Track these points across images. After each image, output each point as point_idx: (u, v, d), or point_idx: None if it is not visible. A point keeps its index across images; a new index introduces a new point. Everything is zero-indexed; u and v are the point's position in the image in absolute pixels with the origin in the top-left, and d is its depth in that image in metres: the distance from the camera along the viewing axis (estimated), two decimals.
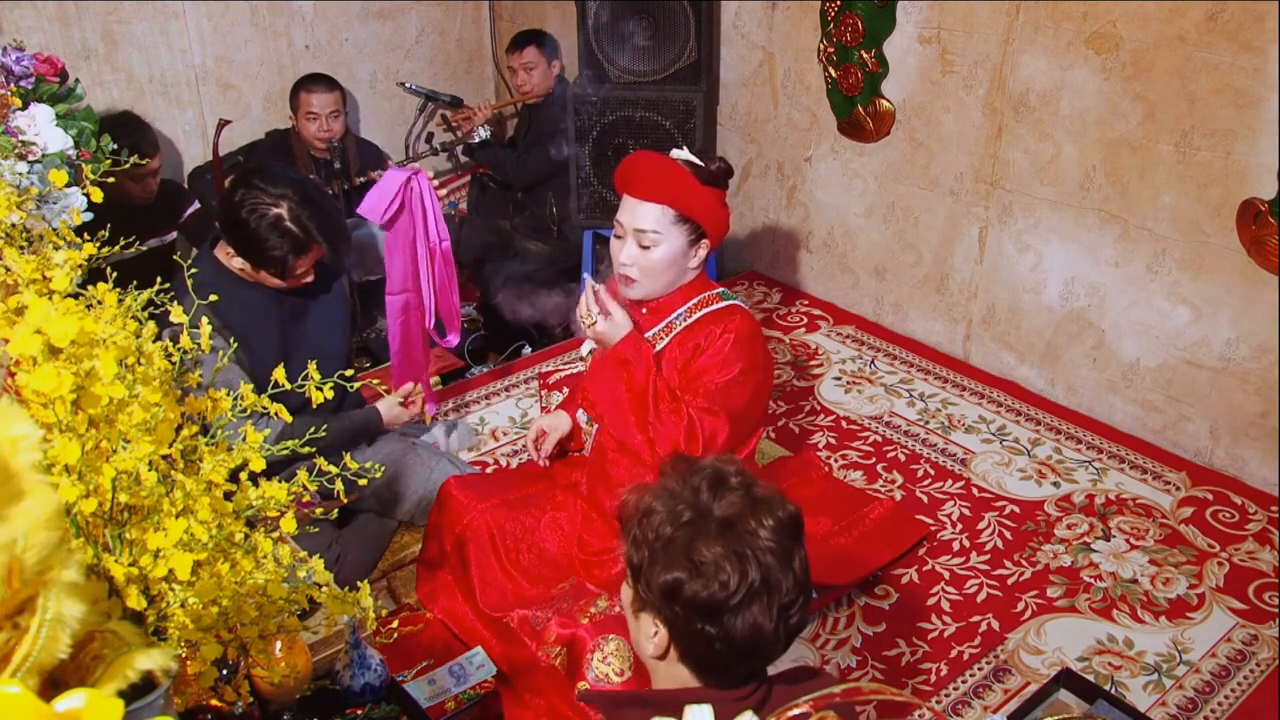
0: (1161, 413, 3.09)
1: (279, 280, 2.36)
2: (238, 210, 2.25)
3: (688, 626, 1.21)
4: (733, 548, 1.19)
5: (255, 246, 2.28)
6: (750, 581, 1.18)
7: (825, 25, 3.57)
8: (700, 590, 1.18)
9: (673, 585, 1.20)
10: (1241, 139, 2.71)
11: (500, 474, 2.94)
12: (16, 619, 0.72)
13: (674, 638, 1.24)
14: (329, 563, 2.37)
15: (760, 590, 1.19)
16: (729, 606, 1.18)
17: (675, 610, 1.21)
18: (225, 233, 2.33)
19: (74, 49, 3.68)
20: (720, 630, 1.20)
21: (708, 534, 1.20)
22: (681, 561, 1.20)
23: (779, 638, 1.22)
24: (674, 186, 2.10)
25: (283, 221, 2.26)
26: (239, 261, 2.34)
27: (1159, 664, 2.36)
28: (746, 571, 1.18)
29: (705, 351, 2.17)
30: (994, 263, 3.39)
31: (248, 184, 2.28)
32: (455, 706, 2.03)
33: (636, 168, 2.15)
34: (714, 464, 1.28)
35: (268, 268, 2.32)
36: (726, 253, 4.29)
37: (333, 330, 2.58)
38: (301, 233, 2.27)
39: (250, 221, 2.25)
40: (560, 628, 2.13)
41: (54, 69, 2.20)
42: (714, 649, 1.21)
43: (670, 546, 1.21)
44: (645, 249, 2.14)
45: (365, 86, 4.47)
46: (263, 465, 1.21)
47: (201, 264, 2.42)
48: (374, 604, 1.31)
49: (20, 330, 0.98)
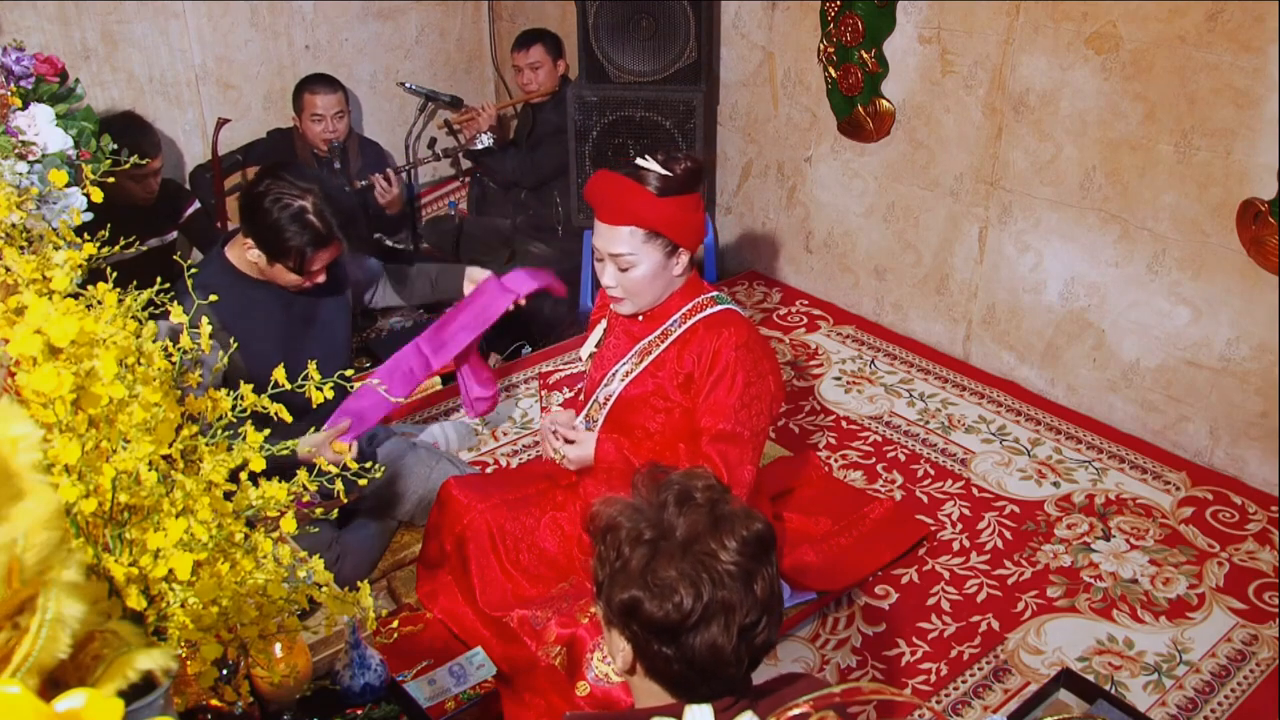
0: (1161, 413, 3.09)
1: (294, 276, 2.34)
2: (261, 200, 2.26)
3: (647, 645, 1.21)
4: (690, 569, 1.18)
5: (276, 236, 2.27)
6: (705, 603, 1.17)
7: (825, 25, 3.57)
8: (655, 611, 1.18)
9: (630, 604, 1.20)
10: (1241, 139, 2.71)
11: (500, 474, 2.94)
12: (16, 619, 0.72)
13: (636, 655, 1.24)
14: (329, 563, 2.37)
15: (717, 612, 1.18)
16: (685, 627, 1.18)
17: (633, 629, 1.21)
18: (246, 222, 2.32)
19: (74, 49, 3.68)
20: (677, 650, 1.19)
21: (668, 554, 1.19)
22: (639, 581, 1.19)
23: (739, 658, 1.21)
24: (636, 207, 2.09)
25: (306, 214, 2.26)
26: (254, 254, 2.33)
27: (1159, 664, 2.36)
28: (701, 593, 1.17)
29: (705, 368, 2.17)
30: (994, 263, 3.39)
31: (275, 175, 2.29)
32: (455, 706, 2.03)
33: (599, 192, 2.14)
34: (682, 479, 1.27)
35: (286, 259, 2.30)
36: (727, 253, 4.29)
37: (335, 338, 2.58)
38: (323, 227, 2.28)
39: (273, 211, 2.25)
40: (560, 628, 2.13)
41: (54, 69, 2.20)
42: (673, 668, 1.21)
43: (629, 566, 1.21)
44: (624, 270, 2.15)
45: (365, 86, 4.47)
46: (263, 465, 1.21)
47: (211, 264, 2.43)
48: (374, 604, 1.31)
49: (20, 330, 0.98)
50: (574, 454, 2.22)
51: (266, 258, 2.31)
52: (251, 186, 2.31)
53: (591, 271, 3.93)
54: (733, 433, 2.13)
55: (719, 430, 2.13)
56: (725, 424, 2.13)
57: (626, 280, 2.16)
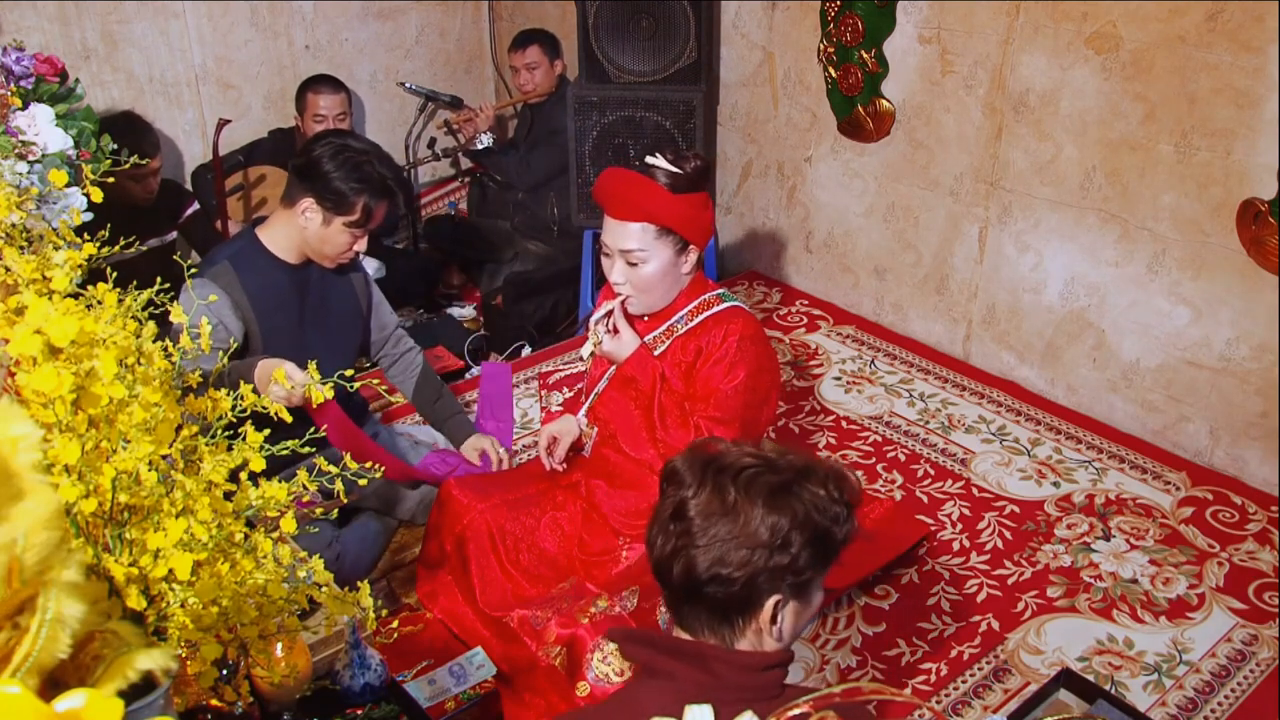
0: (1161, 413, 3.09)
1: (347, 237, 2.38)
2: (323, 157, 2.31)
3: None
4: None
5: (342, 187, 2.32)
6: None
7: (825, 25, 3.56)
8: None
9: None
10: (1241, 139, 2.71)
11: (500, 474, 2.94)
12: (16, 619, 0.72)
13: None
14: (329, 562, 2.37)
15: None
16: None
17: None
18: (306, 180, 2.35)
19: (74, 49, 3.68)
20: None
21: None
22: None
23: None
24: (649, 203, 2.10)
25: (370, 164, 2.33)
26: (307, 218, 2.36)
27: (1159, 664, 2.36)
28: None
29: (709, 357, 2.18)
30: (994, 263, 3.39)
31: (335, 134, 2.39)
32: (455, 706, 2.03)
33: (610, 188, 2.14)
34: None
35: (350, 211, 2.34)
36: (727, 253, 4.29)
37: (343, 341, 2.61)
38: (389, 175, 2.37)
39: (339, 164, 2.31)
40: (560, 628, 2.13)
41: (54, 69, 2.20)
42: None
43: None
44: (634, 266, 2.15)
45: (365, 86, 4.47)
46: (263, 465, 1.21)
47: (242, 240, 2.46)
48: (374, 604, 1.31)
49: (20, 330, 0.98)
50: (609, 347, 2.22)
51: (326, 214, 2.34)
52: (308, 149, 2.36)
53: (592, 272, 3.93)
54: (725, 419, 2.16)
55: (712, 415, 2.16)
56: (718, 411, 2.16)
57: (635, 277, 2.17)
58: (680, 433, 2.17)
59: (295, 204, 2.36)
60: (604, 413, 2.32)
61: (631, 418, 2.25)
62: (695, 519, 1.25)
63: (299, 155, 2.40)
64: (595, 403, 2.36)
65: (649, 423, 2.21)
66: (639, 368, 2.20)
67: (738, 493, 1.24)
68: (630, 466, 2.32)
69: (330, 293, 2.53)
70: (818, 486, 1.27)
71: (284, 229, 2.40)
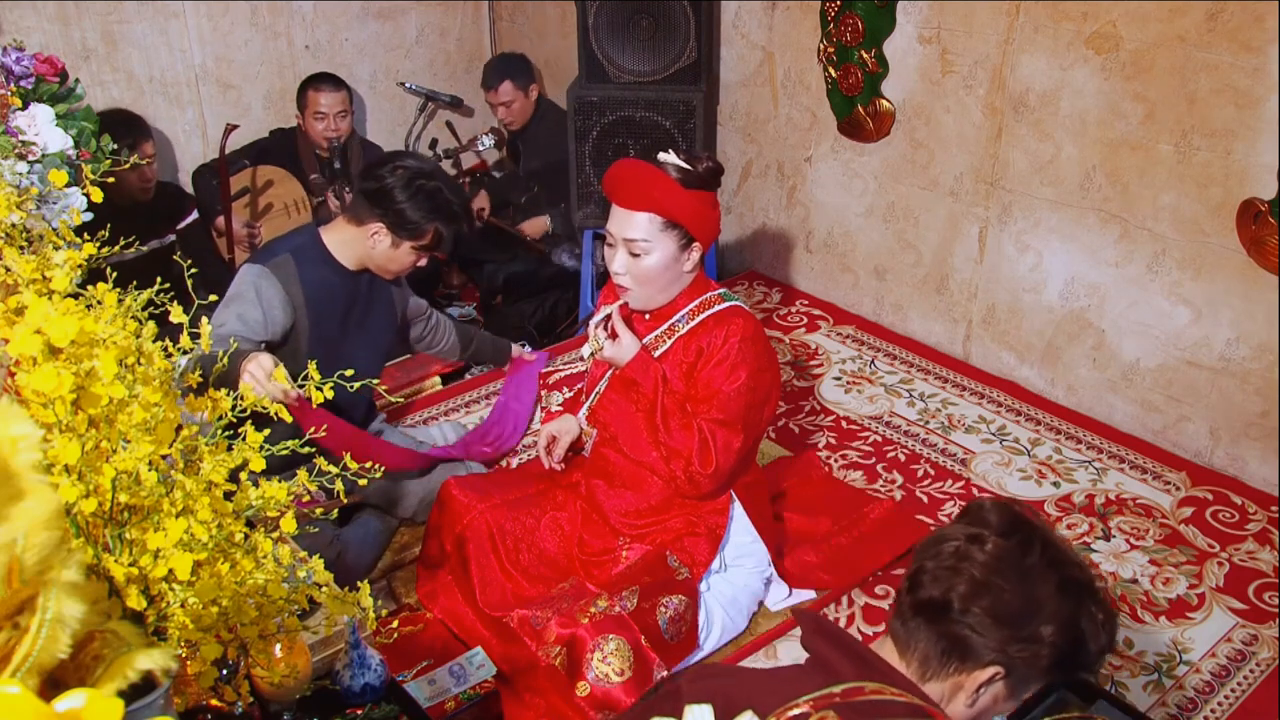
0: (1161, 413, 3.09)
1: (411, 257, 2.43)
2: (395, 185, 2.34)
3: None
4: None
5: (414, 216, 2.35)
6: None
7: (825, 25, 3.56)
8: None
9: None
10: (1241, 139, 2.71)
11: (500, 474, 2.94)
12: (16, 619, 0.72)
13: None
14: (329, 562, 2.37)
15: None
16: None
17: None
18: (375, 206, 2.37)
19: (74, 49, 3.68)
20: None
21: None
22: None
23: None
24: (659, 194, 2.10)
25: (442, 193, 2.38)
26: (376, 240, 2.39)
27: (1159, 664, 2.36)
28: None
29: (710, 358, 2.18)
30: (994, 263, 3.39)
31: (399, 161, 2.41)
32: (455, 706, 2.03)
33: (621, 176, 2.15)
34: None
35: (422, 238, 2.39)
36: (726, 253, 4.29)
37: (380, 340, 2.65)
38: (457, 205, 2.42)
39: (410, 193, 2.34)
40: (560, 628, 2.13)
41: (54, 69, 2.20)
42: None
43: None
44: (636, 256, 2.15)
45: (365, 86, 4.47)
46: (263, 465, 1.21)
47: (304, 235, 2.49)
48: (374, 604, 1.31)
49: (20, 330, 0.98)
50: (610, 352, 2.21)
51: (396, 239, 2.38)
52: (378, 174, 2.38)
53: (592, 272, 3.93)
54: (728, 421, 2.16)
55: (715, 417, 2.17)
56: (721, 413, 2.16)
57: (636, 268, 2.16)
58: (683, 435, 2.18)
59: (364, 224, 2.39)
60: (604, 415, 2.32)
61: (633, 420, 2.25)
62: (991, 555, 1.23)
63: (367, 178, 2.42)
64: (595, 405, 2.36)
65: (651, 425, 2.21)
66: (640, 371, 2.20)
67: (1039, 560, 1.23)
68: (630, 466, 2.32)
69: (375, 303, 2.57)
70: (1099, 610, 1.26)
71: (349, 241, 2.44)
